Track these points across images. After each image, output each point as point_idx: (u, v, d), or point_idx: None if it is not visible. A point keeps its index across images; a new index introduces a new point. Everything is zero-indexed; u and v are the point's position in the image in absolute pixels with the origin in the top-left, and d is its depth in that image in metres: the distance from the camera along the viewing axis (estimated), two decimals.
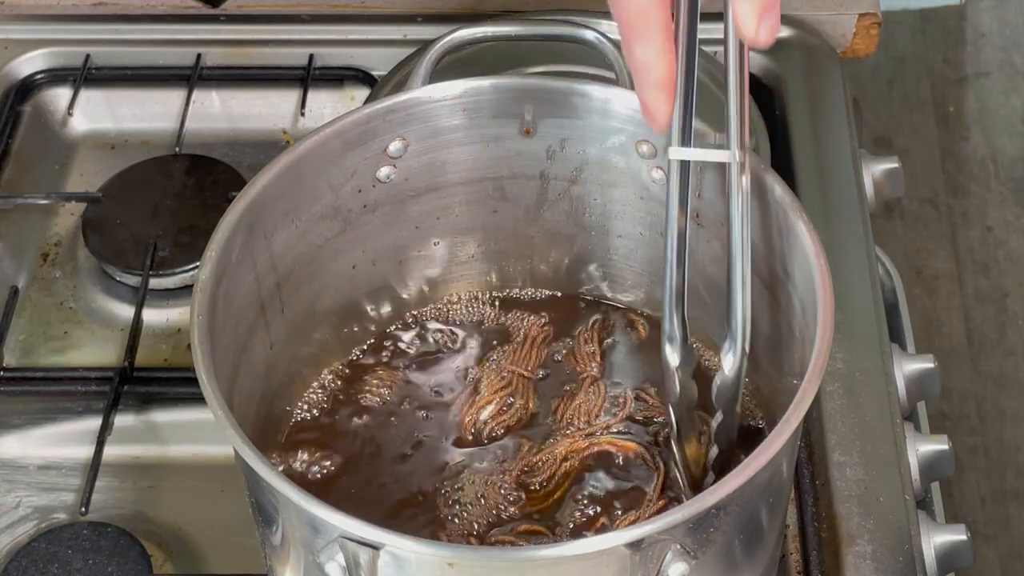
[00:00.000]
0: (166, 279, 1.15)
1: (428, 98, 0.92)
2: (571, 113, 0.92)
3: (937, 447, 1.03)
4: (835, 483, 0.98)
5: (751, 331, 0.84)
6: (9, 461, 1.06)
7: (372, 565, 0.73)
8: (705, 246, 0.93)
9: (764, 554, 0.85)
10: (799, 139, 1.20)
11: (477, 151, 0.95)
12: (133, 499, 1.03)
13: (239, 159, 1.24)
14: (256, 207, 0.88)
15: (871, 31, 1.32)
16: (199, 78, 1.29)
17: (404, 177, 0.95)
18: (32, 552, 0.97)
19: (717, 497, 0.73)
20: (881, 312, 1.08)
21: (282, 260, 0.91)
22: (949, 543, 0.98)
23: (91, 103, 1.30)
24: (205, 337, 0.81)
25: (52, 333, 1.14)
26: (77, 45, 1.31)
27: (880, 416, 1.02)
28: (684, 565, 0.74)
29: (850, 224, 1.13)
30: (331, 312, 0.97)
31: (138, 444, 1.06)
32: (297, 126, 1.29)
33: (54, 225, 1.22)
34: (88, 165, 1.27)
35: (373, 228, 0.96)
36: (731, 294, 0.83)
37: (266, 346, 0.92)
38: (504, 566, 0.76)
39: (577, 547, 0.73)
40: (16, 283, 1.16)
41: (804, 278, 0.83)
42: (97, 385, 1.08)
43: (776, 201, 0.85)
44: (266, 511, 0.80)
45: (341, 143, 0.91)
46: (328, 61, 1.31)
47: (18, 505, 1.03)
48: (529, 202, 0.98)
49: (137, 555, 0.97)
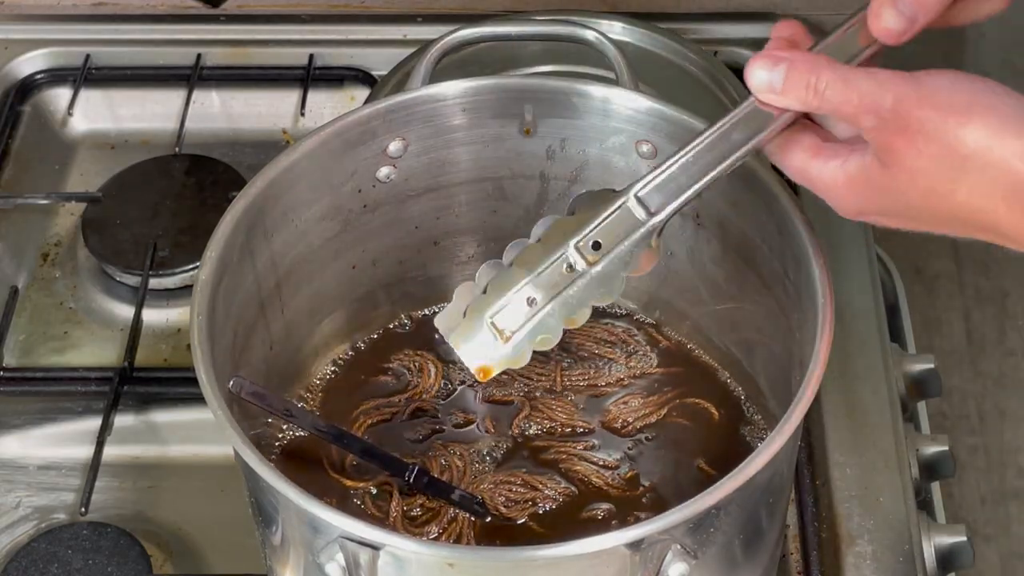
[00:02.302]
0: (166, 279, 1.15)
1: (428, 98, 0.92)
2: (571, 113, 0.92)
3: (937, 447, 1.03)
4: (835, 483, 0.98)
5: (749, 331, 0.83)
6: (9, 461, 1.06)
7: (372, 565, 0.73)
8: (705, 246, 0.93)
9: (764, 554, 0.85)
10: None
11: (477, 151, 0.95)
12: (133, 499, 1.03)
13: (239, 159, 1.24)
14: (256, 207, 0.88)
15: None
16: (199, 78, 1.29)
17: (404, 177, 0.94)
18: (32, 552, 0.97)
19: (717, 497, 0.73)
20: (881, 312, 1.08)
21: (282, 260, 0.91)
22: (949, 543, 0.98)
23: (91, 103, 1.30)
24: (205, 337, 0.81)
25: (52, 333, 1.14)
26: (77, 45, 1.31)
27: (880, 416, 1.02)
28: (684, 565, 0.74)
29: (850, 224, 1.13)
30: (331, 312, 0.97)
31: (138, 444, 1.06)
32: (297, 126, 1.29)
33: (54, 225, 1.22)
34: (88, 165, 1.27)
35: (373, 228, 0.96)
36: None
37: (266, 346, 0.92)
38: (504, 566, 0.76)
39: (577, 547, 0.73)
40: (16, 283, 1.16)
41: (804, 278, 0.83)
42: (97, 385, 1.08)
43: (776, 201, 0.85)
44: (266, 511, 0.80)
45: (341, 143, 0.91)
46: (328, 61, 1.31)
47: (18, 505, 1.03)
48: (529, 202, 0.97)
49: (137, 555, 0.97)
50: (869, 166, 0.73)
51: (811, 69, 0.73)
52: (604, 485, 0.91)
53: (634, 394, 0.96)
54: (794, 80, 0.73)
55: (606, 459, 0.92)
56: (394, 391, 0.96)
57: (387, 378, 0.97)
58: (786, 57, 0.73)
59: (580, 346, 0.98)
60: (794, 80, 0.73)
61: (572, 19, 1.08)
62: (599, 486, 0.91)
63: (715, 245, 0.92)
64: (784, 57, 0.73)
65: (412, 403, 0.95)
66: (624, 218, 0.82)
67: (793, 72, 0.73)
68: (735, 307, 0.93)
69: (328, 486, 0.91)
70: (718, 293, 0.94)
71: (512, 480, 0.91)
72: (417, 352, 0.98)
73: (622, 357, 0.98)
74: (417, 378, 0.97)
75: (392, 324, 1.00)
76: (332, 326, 0.97)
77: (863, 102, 0.71)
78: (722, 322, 0.95)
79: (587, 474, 0.91)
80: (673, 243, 0.95)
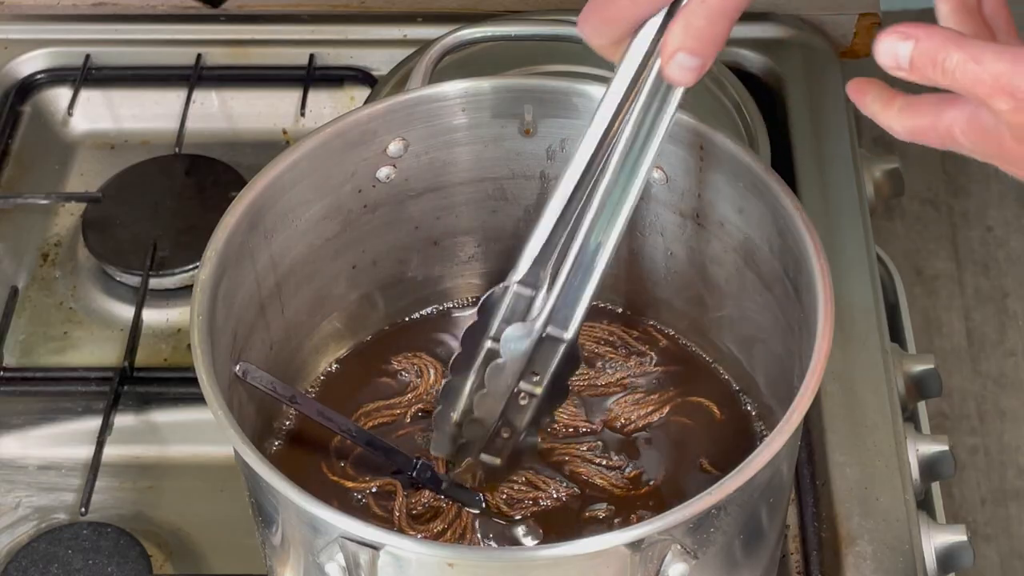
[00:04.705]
0: (166, 279, 1.15)
1: (428, 98, 0.92)
2: (571, 113, 0.92)
3: (937, 447, 1.03)
4: (835, 483, 0.98)
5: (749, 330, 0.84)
6: (9, 461, 1.06)
7: (372, 565, 0.73)
8: (705, 246, 0.93)
9: (764, 554, 0.85)
10: (799, 139, 1.20)
11: (477, 151, 0.95)
12: (133, 499, 1.03)
13: (239, 159, 1.24)
14: (256, 207, 0.88)
15: (871, 31, 1.32)
16: (199, 78, 1.29)
17: (404, 177, 0.94)
18: (32, 552, 0.97)
19: (717, 497, 0.73)
20: (881, 312, 1.08)
21: (282, 260, 0.91)
22: (949, 543, 0.98)
23: (91, 103, 1.30)
24: (205, 337, 0.81)
25: (52, 333, 1.14)
26: (77, 45, 1.31)
27: (880, 416, 1.02)
28: (684, 565, 0.74)
29: (850, 224, 1.13)
30: (331, 312, 0.97)
31: (138, 444, 1.06)
32: (297, 126, 1.29)
33: (54, 225, 1.22)
34: (88, 165, 1.27)
35: (373, 228, 0.96)
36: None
37: (266, 346, 0.92)
38: (504, 566, 0.76)
39: (577, 547, 0.73)
40: (16, 283, 1.16)
41: (804, 278, 0.83)
42: (97, 385, 1.08)
43: (776, 201, 0.85)
44: (266, 511, 0.80)
45: (341, 143, 0.91)
46: (328, 61, 1.30)
47: (18, 505, 1.03)
48: (529, 202, 0.97)
49: (137, 555, 0.97)
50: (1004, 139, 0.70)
51: (940, 46, 0.69)
52: (608, 485, 0.91)
53: (635, 393, 0.96)
54: (922, 58, 0.70)
55: (609, 459, 0.92)
56: (395, 392, 0.96)
57: (387, 379, 0.97)
58: (914, 33, 0.70)
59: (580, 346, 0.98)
60: (922, 58, 0.70)
61: (572, 19, 1.08)
62: (603, 486, 0.91)
63: (715, 245, 0.92)
64: (912, 33, 0.70)
65: (414, 404, 0.95)
66: (548, 346, 0.86)
67: (920, 49, 0.70)
68: (735, 307, 0.93)
69: (329, 482, 0.91)
70: (718, 293, 0.94)
71: (515, 479, 0.91)
72: (417, 353, 0.98)
73: (622, 357, 0.98)
74: (418, 379, 0.97)
75: (392, 324, 1.00)
76: (332, 326, 0.97)
77: (997, 83, 0.68)
78: (722, 321, 0.95)
79: (591, 475, 0.91)
80: (673, 243, 0.95)
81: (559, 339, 0.86)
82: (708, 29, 0.77)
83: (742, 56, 1.27)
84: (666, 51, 0.77)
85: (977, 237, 2.06)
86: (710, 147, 0.88)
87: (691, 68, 0.77)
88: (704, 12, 0.77)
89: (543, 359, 0.86)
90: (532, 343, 0.86)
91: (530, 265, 0.85)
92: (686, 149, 0.89)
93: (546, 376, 0.87)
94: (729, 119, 1.15)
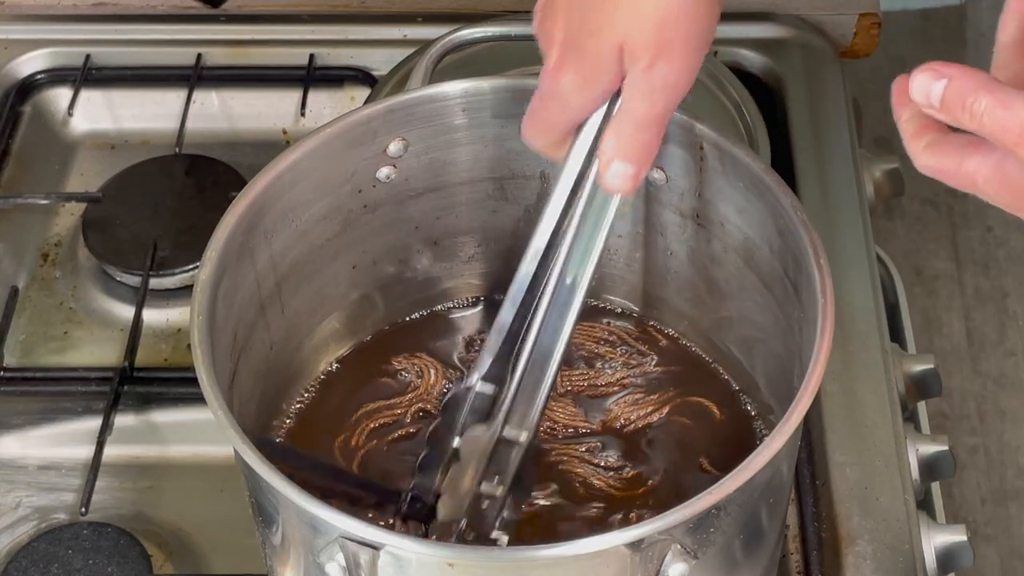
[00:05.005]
0: (166, 279, 1.15)
1: (428, 98, 0.92)
2: None
3: (937, 447, 1.03)
4: (835, 483, 0.98)
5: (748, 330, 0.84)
6: (9, 461, 1.06)
7: (372, 565, 0.73)
8: (705, 246, 0.93)
9: (764, 554, 0.85)
10: (799, 139, 1.20)
11: (477, 151, 0.95)
12: (133, 499, 1.03)
13: (239, 159, 1.24)
14: (256, 207, 0.88)
15: (871, 31, 1.32)
16: (199, 78, 1.29)
17: (404, 177, 0.94)
18: (32, 552, 0.97)
19: (717, 497, 0.73)
20: (881, 312, 1.08)
21: (282, 260, 0.91)
22: (949, 543, 0.98)
23: (91, 103, 1.30)
24: (205, 337, 0.81)
25: (52, 333, 1.14)
26: (77, 45, 1.31)
27: (880, 416, 1.02)
28: (684, 565, 0.74)
29: (850, 224, 1.13)
30: (331, 312, 0.97)
31: (138, 444, 1.06)
32: (297, 126, 1.29)
33: (54, 225, 1.22)
34: (88, 165, 1.27)
35: (373, 228, 0.96)
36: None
37: (266, 346, 0.92)
38: (504, 566, 0.76)
39: (577, 547, 0.73)
40: (16, 283, 1.16)
41: (804, 278, 0.83)
42: (97, 385, 1.08)
43: (776, 201, 0.85)
44: (266, 511, 0.80)
45: (341, 143, 0.91)
46: (328, 61, 1.30)
47: (18, 505, 1.03)
48: (529, 202, 0.97)
49: (137, 555, 0.97)
50: None
51: (971, 89, 0.69)
52: (606, 486, 0.91)
53: (635, 393, 0.96)
54: (953, 98, 0.69)
55: (608, 460, 0.92)
56: (395, 392, 0.96)
57: (388, 379, 0.97)
58: (948, 72, 0.69)
59: (580, 346, 0.98)
60: (953, 98, 0.69)
61: None
62: (601, 487, 0.91)
63: (715, 245, 0.92)
64: (947, 72, 0.69)
65: (414, 404, 0.95)
66: (506, 448, 0.85)
67: (952, 89, 0.69)
68: (735, 307, 0.93)
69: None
70: (718, 293, 0.94)
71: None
72: (417, 353, 0.98)
73: (621, 357, 0.98)
74: (418, 379, 0.97)
75: (392, 324, 1.00)
76: (332, 326, 0.97)
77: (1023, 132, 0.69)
78: (722, 321, 0.95)
79: (588, 476, 0.91)
80: (673, 243, 0.95)
81: (515, 442, 0.85)
82: (637, 138, 0.79)
83: (742, 56, 1.27)
84: (601, 161, 0.80)
85: (977, 237, 2.06)
86: (710, 147, 0.88)
87: (627, 176, 0.80)
88: (630, 121, 0.79)
89: (502, 461, 0.86)
90: (491, 444, 0.85)
91: (491, 360, 0.85)
92: (686, 149, 0.89)
93: (507, 478, 0.85)
94: (729, 119, 1.15)
